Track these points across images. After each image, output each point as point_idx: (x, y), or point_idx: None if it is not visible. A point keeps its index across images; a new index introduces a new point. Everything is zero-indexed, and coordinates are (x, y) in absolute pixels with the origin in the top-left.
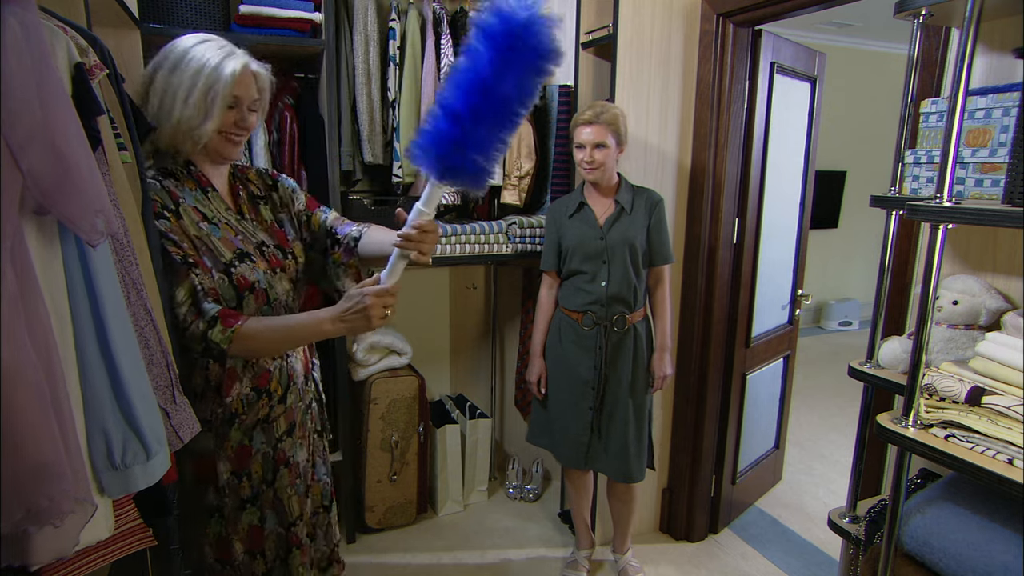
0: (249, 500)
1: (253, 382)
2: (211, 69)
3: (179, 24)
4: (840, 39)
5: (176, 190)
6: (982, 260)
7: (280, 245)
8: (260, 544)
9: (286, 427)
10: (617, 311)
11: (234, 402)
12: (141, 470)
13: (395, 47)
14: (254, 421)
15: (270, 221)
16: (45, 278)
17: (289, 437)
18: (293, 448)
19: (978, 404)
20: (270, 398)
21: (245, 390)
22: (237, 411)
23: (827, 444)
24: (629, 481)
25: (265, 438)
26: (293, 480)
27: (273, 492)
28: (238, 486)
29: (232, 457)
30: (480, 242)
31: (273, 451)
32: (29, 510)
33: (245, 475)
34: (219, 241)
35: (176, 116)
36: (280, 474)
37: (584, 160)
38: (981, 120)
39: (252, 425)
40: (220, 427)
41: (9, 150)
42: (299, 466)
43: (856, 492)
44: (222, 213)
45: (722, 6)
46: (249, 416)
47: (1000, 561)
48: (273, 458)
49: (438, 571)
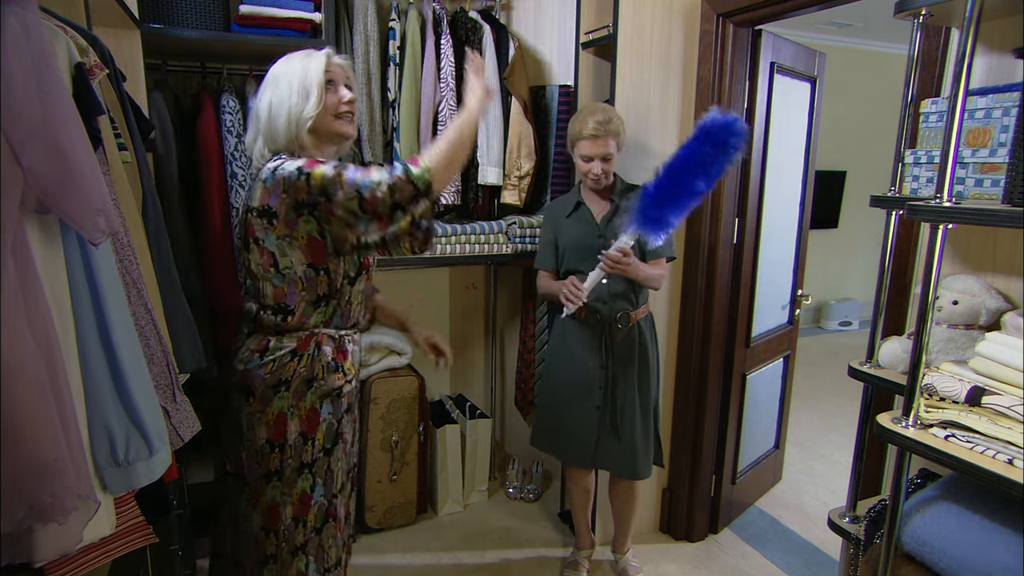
0: (308, 465)
1: (334, 353)
2: (300, 66)
3: (179, 24)
4: (840, 39)
5: None
6: (982, 260)
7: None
8: (306, 512)
9: (347, 405)
10: (620, 308)
11: (316, 365)
12: (144, 466)
13: (395, 47)
14: (328, 390)
15: None
16: (47, 275)
17: (348, 415)
18: (348, 426)
19: (978, 404)
20: (345, 374)
21: (327, 359)
22: (318, 375)
23: (827, 444)
24: (636, 478)
25: (333, 409)
26: (341, 454)
27: (328, 462)
28: (303, 448)
29: (304, 418)
30: (480, 242)
31: (337, 423)
32: (32, 507)
33: (312, 439)
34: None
35: (285, 109)
36: (336, 447)
37: (592, 173)
38: (981, 120)
39: (326, 393)
40: (299, 387)
41: (10, 148)
42: (348, 443)
43: (856, 492)
44: None
45: (722, 6)
46: (327, 382)
47: (1000, 561)
48: (336, 430)
49: (438, 571)
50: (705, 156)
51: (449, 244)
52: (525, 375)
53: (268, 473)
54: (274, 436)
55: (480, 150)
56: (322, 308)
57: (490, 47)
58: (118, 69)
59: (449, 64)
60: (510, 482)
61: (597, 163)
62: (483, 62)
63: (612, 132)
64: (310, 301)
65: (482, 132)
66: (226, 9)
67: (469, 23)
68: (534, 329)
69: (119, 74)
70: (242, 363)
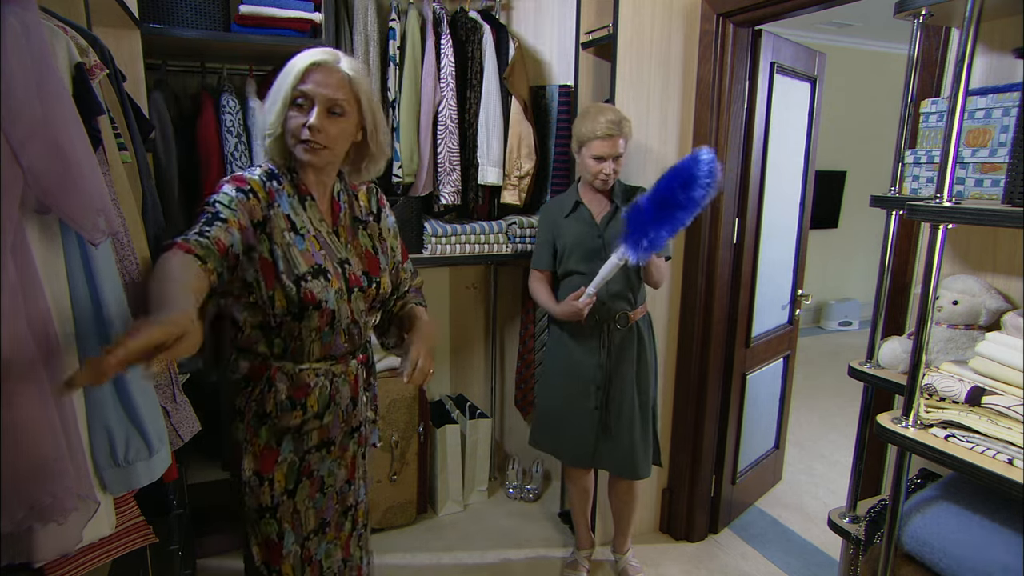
0: (268, 509)
1: (290, 391)
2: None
3: (179, 24)
4: (840, 39)
5: (275, 192)
6: (982, 260)
7: (368, 272)
8: (278, 561)
9: (318, 441)
10: (619, 308)
11: (269, 404)
12: (144, 467)
13: (395, 47)
14: (286, 427)
15: (366, 247)
16: (47, 275)
17: (319, 452)
18: (321, 463)
19: (978, 404)
20: (304, 411)
21: (281, 396)
22: (271, 412)
23: (827, 444)
24: (636, 478)
25: (294, 447)
26: (313, 493)
27: (293, 504)
28: (259, 489)
29: (257, 455)
30: (480, 242)
31: (300, 461)
32: (32, 507)
33: (267, 481)
34: (299, 253)
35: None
36: (301, 485)
37: (603, 173)
38: (981, 120)
39: (283, 430)
40: (252, 420)
41: (10, 148)
42: (322, 480)
43: (856, 492)
44: (313, 224)
45: (722, 6)
46: (282, 420)
47: (1000, 561)
48: (298, 468)
49: (438, 571)
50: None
51: (449, 244)
52: (525, 375)
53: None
54: (232, 465)
55: (480, 150)
56: (270, 338)
57: (490, 47)
58: (118, 69)
59: (449, 64)
60: (510, 482)
61: (609, 163)
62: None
63: (624, 132)
64: (255, 324)
65: (482, 132)
66: (226, 9)
67: (469, 23)
68: (534, 329)
69: (119, 74)
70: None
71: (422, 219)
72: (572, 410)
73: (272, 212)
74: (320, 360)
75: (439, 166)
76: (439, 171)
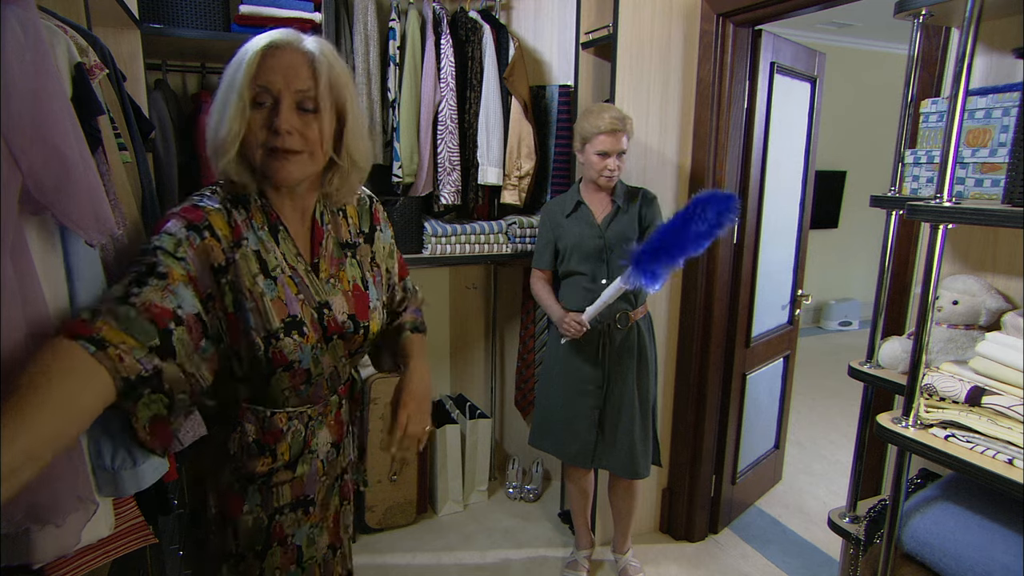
0: (233, 557)
1: (258, 434)
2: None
3: (179, 24)
4: (840, 39)
5: (242, 225)
6: (982, 260)
7: (354, 315)
8: None
9: (291, 499)
10: (619, 308)
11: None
12: (129, 475)
13: (395, 47)
14: (250, 474)
15: (354, 281)
16: (46, 275)
17: (293, 513)
18: (297, 527)
19: (978, 404)
20: (274, 459)
21: (248, 438)
22: (235, 452)
23: (827, 444)
24: (636, 477)
25: (261, 501)
26: (286, 564)
27: (260, 569)
28: (223, 532)
29: (219, 494)
30: (480, 242)
31: (268, 521)
32: (30, 508)
33: (232, 526)
34: (271, 303)
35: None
36: (272, 551)
37: (607, 169)
38: (981, 120)
39: (247, 477)
40: (217, 457)
41: (9, 149)
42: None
43: (856, 492)
44: (287, 261)
45: (722, 6)
46: (247, 466)
47: (1000, 561)
48: (267, 529)
49: (438, 571)
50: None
51: (449, 244)
52: (525, 375)
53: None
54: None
55: (480, 150)
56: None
57: (490, 47)
58: (118, 69)
59: (449, 64)
60: (510, 482)
61: (613, 159)
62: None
63: (627, 129)
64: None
65: (482, 132)
66: (226, 9)
67: (469, 23)
68: (534, 329)
69: (119, 74)
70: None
71: (422, 219)
72: (572, 410)
73: (237, 254)
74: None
75: (439, 166)
76: (439, 171)
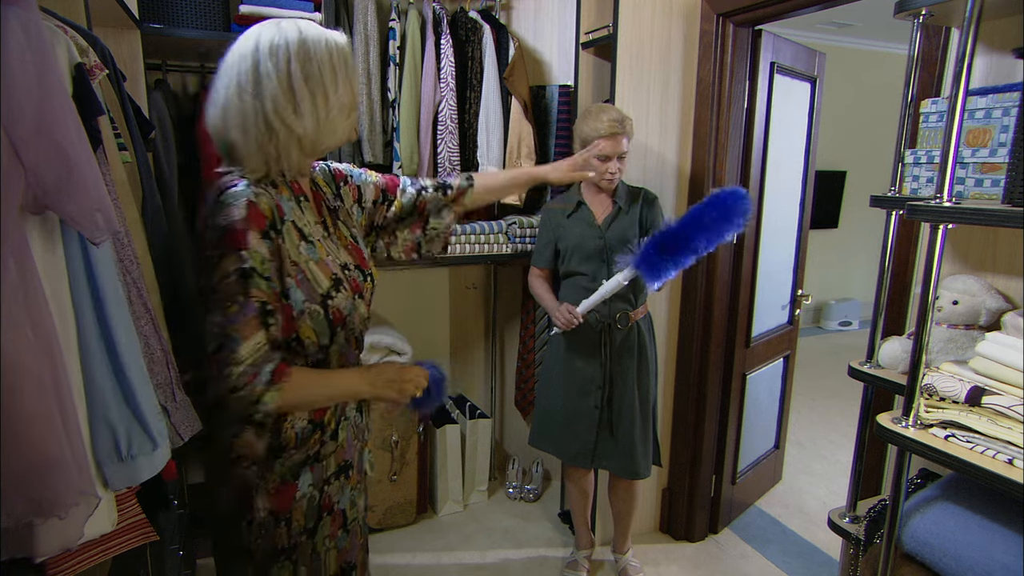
0: (284, 551)
1: (311, 414)
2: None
3: (179, 24)
4: (840, 39)
5: (279, 202)
6: (982, 260)
7: (360, 266)
8: None
9: (335, 467)
10: (620, 309)
11: (286, 434)
12: (146, 461)
13: (395, 47)
14: (303, 457)
15: (347, 238)
16: (47, 274)
17: (337, 480)
18: (341, 493)
19: (978, 404)
20: (323, 432)
21: (301, 422)
22: (287, 444)
23: (827, 444)
24: (636, 478)
25: (313, 479)
26: (335, 531)
27: (312, 545)
28: (274, 531)
29: (273, 494)
30: (480, 242)
31: (320, 494)
32: (32, 502)
33: (284, 521)
34: (316, 266)
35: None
36: (322, 522)
37: (609, 172)
38: (981, 120)
39: (301, 462)
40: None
41: (11, 147)
42: (344, 515)
43: (856, 492)
44: (314, 226)
45: (722, 6)
46: (299, 451)
47: (1000, 561)
48: (319, 503)
49: (438, 571)
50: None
51: (449, 244)
52: (525, 375)
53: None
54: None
55: (480, 150)
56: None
57: (490, 47)
58: (118, 69)
59: (449, 64)
60: (510, 482)
61: (615, 162)
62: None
63: (627, 131)
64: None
65: (482, 132)
66: (226, 9)
67: (469, 23)
68: (534, 329)
69: (119, 74)
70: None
71: None
72: (572, 410)
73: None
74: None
75: (439, 166)
76: (439, 171)
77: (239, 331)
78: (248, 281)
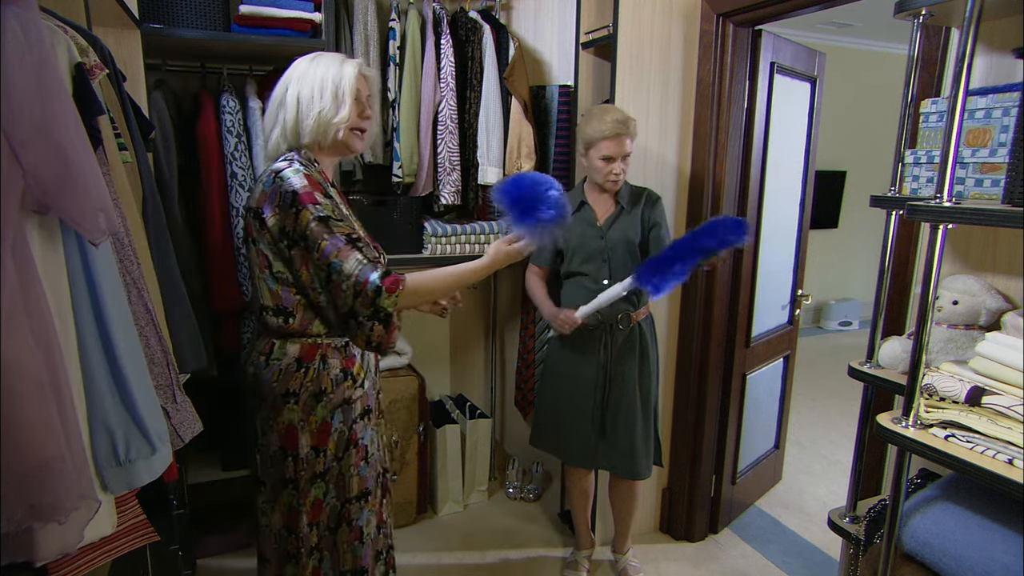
0: (320, 475)
1: (342, 364)
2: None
3: (179, 24)
4: (840, 39)
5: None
6: (982, 260)
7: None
8: (318, 515)
9: (361, 410)
10: (621, 309)
11: (325, 381)
12: (145, 465)
13: (395, 47)
14: (340, 400)
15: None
16: (47, 275)
17: (362, 420)
18: (364, 431)
19: (978, 404)
20: (354, 381)
21: (336, 371)
22: (326, 388)
23: (827, 444)
24: (636, 478)
25: (344, 418)
26: (358, 461)
27: (339, 468)
28: (315, 460)
29: (314, 432)
30: (480, 242)
31: (348, 431)
32: (32, 507)
33: (323, 451)
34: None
35: (316, 110)
36: (348, 452)
37: (613, 173)
38: (981, 120)
39: (337, 404)
40: (308, 401)
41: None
42: (366, 449)
43: (856, 492)
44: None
45: (722, 6)
46: (336, 395)
47: (1000, 561)
48: (347, 437)
49: (438, 571)
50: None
51: (449, 244)
52: (525, 375)
53: (283, 479)
54: (287, 444)
55: (480, 150)
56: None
57: (490, 47)
58: (118, 69)
59: (449, 64)
60: (510, 482)
61: (618, 163)
62: (518, 249)
63: (630, 131)
64: (307, 306)
65: (482, 132)
66: (226, 9)
67: (469, 23)
68: (534, 329)
69: (119, 74)
70: (252, 366)
71: (422, 219)
72: (573, 410)
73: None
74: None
75: (439, 166)
76: (439, 171)
77: (337, 256)
78: (328, 222)
